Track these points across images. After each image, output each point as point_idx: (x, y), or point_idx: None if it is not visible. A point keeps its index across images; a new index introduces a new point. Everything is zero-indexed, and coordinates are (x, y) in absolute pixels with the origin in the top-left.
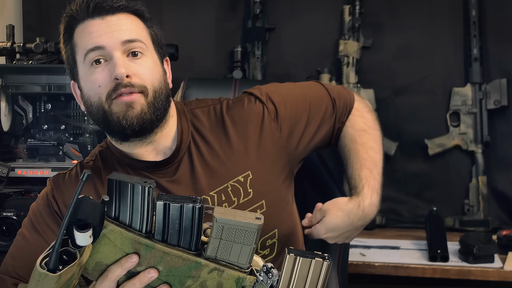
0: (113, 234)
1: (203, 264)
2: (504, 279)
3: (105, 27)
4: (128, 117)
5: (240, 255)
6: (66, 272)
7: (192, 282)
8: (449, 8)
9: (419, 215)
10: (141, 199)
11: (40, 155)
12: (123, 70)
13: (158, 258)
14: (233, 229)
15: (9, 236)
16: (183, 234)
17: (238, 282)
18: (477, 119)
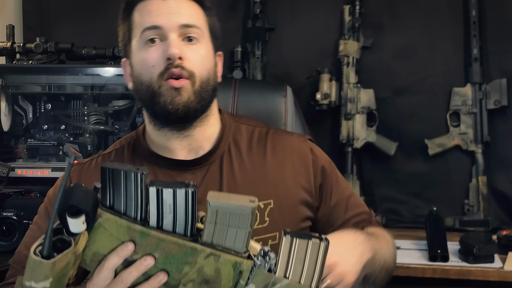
0: (108, 222)
1: (199, 249)
2: (504, 279)
3: (164, 8)
4: (174, 102)
5: (236, 240)
6: (61, 259)
7: (190, 269)
8: (449, 8)
9: (419, 215)
10: (134, 186)
11: (40, 155)
12: (177, 51)
13: (153, 245)
14: (227, 213)
15: (9, 236)
16: (178, 219)
17: (235, 267)
18: (477, 119)
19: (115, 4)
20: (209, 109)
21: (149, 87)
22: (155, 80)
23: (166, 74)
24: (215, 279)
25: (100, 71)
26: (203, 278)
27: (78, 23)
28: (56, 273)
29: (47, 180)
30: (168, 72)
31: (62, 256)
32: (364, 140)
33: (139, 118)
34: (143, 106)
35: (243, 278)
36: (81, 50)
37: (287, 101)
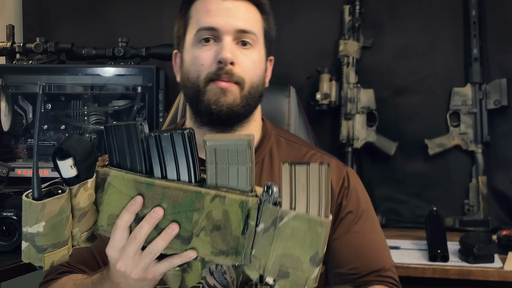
0: (116, 179)
1: (203, 192)
2: (504, 279)
3: (223, 9)
4: (219, 102)
5: (239, 178)
6: (51, 202)
7: (198, 216)
8: (449, 8)
9: (419, 215)
10: (135, 138)
11: (40, 155)
12: (229, 55)
13: (160, 195)
14: (225, 150)
15: (9, 236)
16: (179, 165)
17: (242, 207)
18: (477, 119)
19: (115, 4)
20: (252, 114)
21: (195, 84)
22: (202, 78)
23: (215, 76)
24: (225, 223)
25: (100, 71)
26: (214, 224)
27: (78, 23)
28: (48, 217)
29: (47, 180)
30: (218, 76)
31: (53, 200)
32: (364, 140)
33: (139, 118)
34: (188, 102)
35: (252, 218)
36: (81, 50)
37: (291, 101)
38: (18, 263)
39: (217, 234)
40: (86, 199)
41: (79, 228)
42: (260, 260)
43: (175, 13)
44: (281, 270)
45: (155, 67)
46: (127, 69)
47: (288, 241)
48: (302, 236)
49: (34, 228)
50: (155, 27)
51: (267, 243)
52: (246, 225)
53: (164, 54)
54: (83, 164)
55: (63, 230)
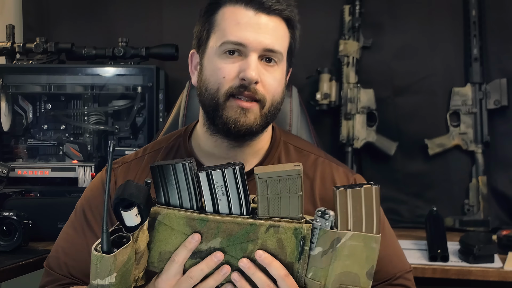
0: (167, 218)
1: (258, 224)
2: (504, 279)
3: (254, 24)
4: (238, 122)
5: (290, 207)
6: (121, 253)
7: (253, 246)
8: (449, 8)
9: (419, 215)
10: (185, 176)
11: (40, 155)
12: (255, 75)
13: (214, 230)
14: (276, 181)
15: (9, 236)
16: (232, 199)
17: (296, 234)
18: (477, 119)
19: (115, 4)
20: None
21: (214, 97)
22: (223, 93)
23: (237, 93)
24: (279, 251)
25: (100, 71)
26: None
27: (78, 23)
28: (119, 268)
29: (47, 180)
30: (239, 92)
31: (122, 250)
32: (364, 140)
33: (139, 118)
34: (204, 110)
35: (306, 244)
36: (81, 50)
37: (293, 102)
38: (18, 263)
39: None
40: (144, 241)
41: (138, 270)
42: (319, 282)
43: (175, 13)
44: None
45: (155, 67)
46: (127, 69)
47: (347, 260)
48: (359, 254)
49: (106, 280)
50: (155, 27)
51: (325, 265)
52: (302, 250)
53: (164, 54)
54: (146, 211)
55: (130, 276)
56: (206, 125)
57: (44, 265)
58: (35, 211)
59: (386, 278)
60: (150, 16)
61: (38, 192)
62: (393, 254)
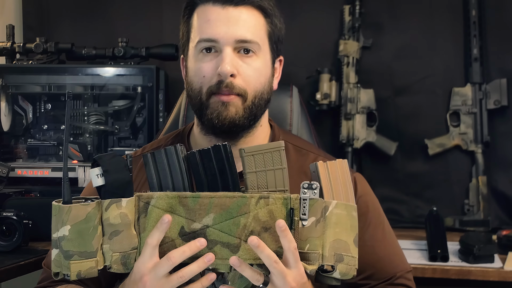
0: (160, 200)
1: (248, 196)
2: (504, 279)
3: (223, 18)
4: (221, 116)
5: (276, 181)
6: (77, 208)
7: (246, 220)
8: (449, 8)
9: (419, 215)
10: (176, 159)
11: (40, 155)
12: (229, 68)
13: (207, 205)
14: (261, 155)
15: (9, 236)
16: (220, 176)
17: (286, 204)
18: (477, 119)
19: (115, 4)
20: (258, 122)
21: (197, 97)
22: (204, 92)
23: (216, 90)
24: (271, 223)
25: (100, 71)
26: (262, 226)
27: (78, 23)
28: (74, 222)
29: (47, 180)
30: (218, 91)
31: (79, 205)
32: (364, 140)
33: (139, 118)
34: (192, 110)
35: (296, 214)
36: (81, 50)
37: (293, 101)
38: (18, 263)
39: (266, 236)
40: (117, 216)
41: (109, 246)
42: (317, 252)
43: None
44: (336, 255)
45: (155, 67)
46: (127, 69)
47: (336, 228)
48: (344, 222)
49: (61, 231)
50: (155, 27)
51: (320, 233)
52: (292, 221)
53: (164, 54)
54: (111, 176)
55: (90, 240)
56: (199, 125)
57: (42, 263)
58: (35, 211)
59: (386, 278)
60: (150, 16)
61: (38, 192)
62: (394, 253)
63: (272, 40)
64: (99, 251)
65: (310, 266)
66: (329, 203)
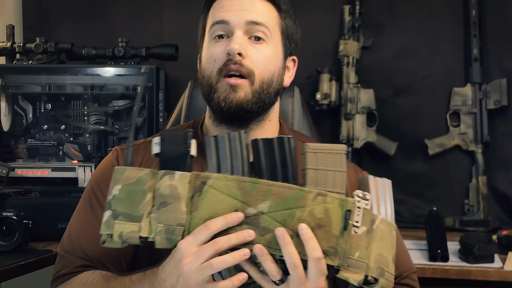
0: (217, 181)
1: (307, 191)
2: (504, 279)
3: (236, 4)
4: (228, 99)
5: (335, 183)
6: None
7: (301, 213)
8: (449, 8)
9: (419, 215)
10: (239, 144)
11: (40, 155)
12: (236, 46)
13: (264, 192)
14: (324, 155)
15: (9, 236)
16: (281, 168)
17: (342, 206)
18: (477, 119)
19: (115, 4)
20: (267, 113)
21: (208, 81)
22: (215, 75)
23: (224, 70)
24: (326, 221)
25: (100, 71)
26: (316, 222)
27: (78, 23)
28: (125, 183)
29: (47, 180)
30: (226, 69)
31: (134, 169)
32: (364, 140)
33: (139, 118)
34: (204, 99)
35: (351, 218)
36: (81, 50)
37: (294, 101)
38: (18, 263)
39: (318, 233)
40: (167, 187)
41: (156, 215)
42: (365, 261)
43: (175, 13)
44: (379, 268)
45: (155, 67)
46: (127, 69)
47: (380, 242)
48: (386, 238)
49: (113, 191)
50: (155, 27)
51: (367, 244)
52: (346, 223)
53: (164, 54)
54: (167, 146)
55: (137, 204)
56: (212, 117)
57: (58, 250)
58: (35, 211)
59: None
60: (150, 16)
61: (38, 192)
62: (401, 253)
63: (285, 35)
64: (145, 218)
65: (357, 276)
66: (376, 217)
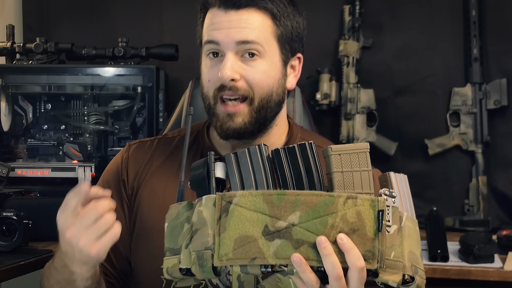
0: (243, 198)
1: (336, 196)
2: (504, 279)
3: (224, 22)
4: (225, 127)
5: (362, 183)
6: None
7: (333, 219)
8: (449, 8)
9: (419, 215)
10: (260, 157)
11: (40, 155)
12: (228, 73)
13: (292, 203)
14: (348, 156)
15: (9, 236)
16: (307, 175)
17: (373, 206)
18: (477, 119)
19: (115, 4)
20: (272, 122)
21: (206, 100)
22: (211, 95)
23: (219, 95)
24: (359, 224)
25: (100, 71)
26: (350, 227)
27: (78, 23)
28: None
29: (47, 180)
30: (220, 94)
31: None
32: (364, 140)
33: (139, 118)
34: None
35: (384, 218)
36: (81, 50)
37: (295, 101)
38: (18, 263)
39: (353, 237)
40: (195, 214)
41: (191, 245)
42: (401, 260)
43: (175, 13)
44: (413, 266)
45: (155, 67)
46: (127, 69)
47: (409, 239)
48: (413, 235)
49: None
50: (155, 27)
51: (400, 243)
52: (380, 224)
53: (164, 54)
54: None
55: (177, 236)
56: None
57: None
58: (35, 211)
59: None
60: (150, 16)
61: (38, 192)
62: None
63: (282, 41)
64: (184, 249)
65: (396, 276)
66: (402, 214)
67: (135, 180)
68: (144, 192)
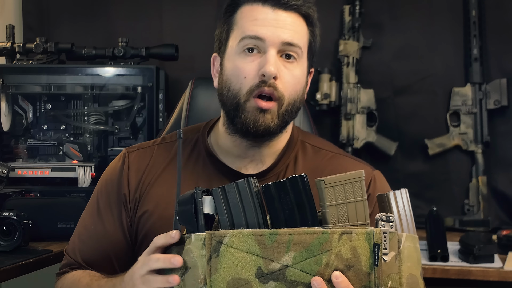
0: (234, 239)
1: (330, 232)
2: (504, 279)
3: (272, 20)
4: (257, 122)
5: (357, 215)
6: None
7: (328, 258)
8: (449, 8)
9: (419, 215)
10: (249, 192)
11: (40, 155)
12: (274, 70)
13: (285, 243)
14: (342, 187)
15: (9, 236)
16: (298, 210)
17: (369, 239)
18: (477, 119)
19: (115, 4)
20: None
21: (236, 97)
22: (244, 93)
23: (256, 90)
24: (355, 260)
25: (100, 71)
26: (345, 264)
27: (78, 23)
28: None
29: (47, 180)
30: (259, 90)
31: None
32: (364, 140)
33: (139, 118)
34: (224, 110)
35: (381, 250)
36: (81, 50)
37: None
38: (18, 263)
39: (349, 274)
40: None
41: (183, 284)
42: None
43: (175, 13)
44: None
45: (155, 67)
46: (127, 69)
47: (408, 262)
48: (413, 255)
49: None
50: (155, 27)
51: (397, 269)
52: (376, 259)
53: (164, 54)
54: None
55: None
56: (225, 124)
57: (64, 250)
58: (35, 211)
59: None
60: (150, 16)
61: (38, 192)
62: None
63: (311, 50)
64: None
65: None
66: (401, 236)
67: (137, 191)
68: (146, 201)
